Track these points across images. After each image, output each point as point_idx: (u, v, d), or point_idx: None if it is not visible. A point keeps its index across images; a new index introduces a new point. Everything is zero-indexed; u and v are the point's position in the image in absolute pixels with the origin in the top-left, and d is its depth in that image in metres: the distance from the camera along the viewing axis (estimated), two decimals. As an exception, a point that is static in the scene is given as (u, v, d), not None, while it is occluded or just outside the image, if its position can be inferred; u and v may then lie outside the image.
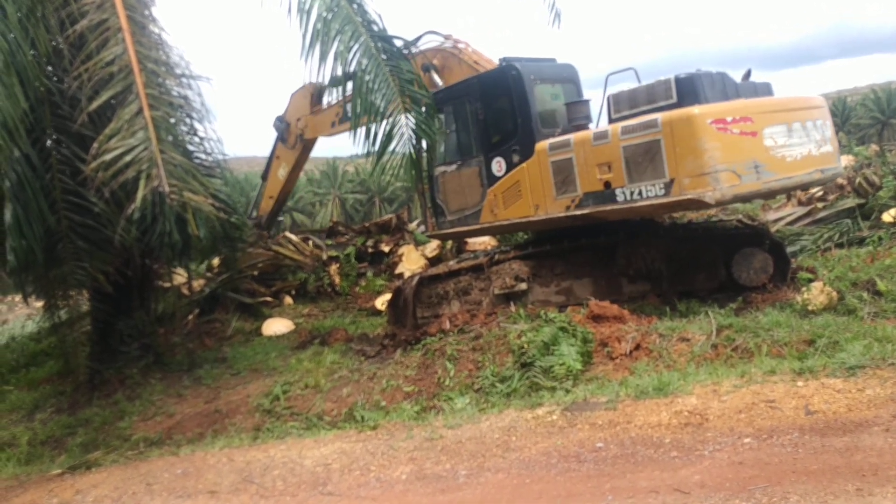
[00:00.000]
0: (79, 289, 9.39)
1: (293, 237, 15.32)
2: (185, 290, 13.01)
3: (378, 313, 12.54)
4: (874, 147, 19.53)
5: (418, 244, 14.71)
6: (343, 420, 7.95)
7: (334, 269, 14.30)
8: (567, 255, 9.65)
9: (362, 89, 8.92)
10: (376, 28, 9.25)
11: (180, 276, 12.53)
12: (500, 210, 9.77)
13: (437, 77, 10.71)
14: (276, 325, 12.41)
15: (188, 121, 8.84)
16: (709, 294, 8.88)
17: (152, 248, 8.47)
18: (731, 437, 5.01)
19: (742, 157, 7.98)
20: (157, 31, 8.44)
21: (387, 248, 14.86)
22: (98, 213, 8.34)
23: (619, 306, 8.43)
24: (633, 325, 7.95)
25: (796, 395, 5.40)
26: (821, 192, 13.09)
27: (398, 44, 9.75)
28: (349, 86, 9.39)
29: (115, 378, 10.01)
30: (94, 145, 7.32)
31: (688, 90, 8.16)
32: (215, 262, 13.44)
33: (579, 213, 8.91)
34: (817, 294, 7.84)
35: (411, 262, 14.02)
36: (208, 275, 13.87)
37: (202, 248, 8.67)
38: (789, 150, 8.39)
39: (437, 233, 11.03)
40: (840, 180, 12.41)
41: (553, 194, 9.13)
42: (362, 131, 9.18)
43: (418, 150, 9.62)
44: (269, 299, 13.80)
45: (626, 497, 4.44)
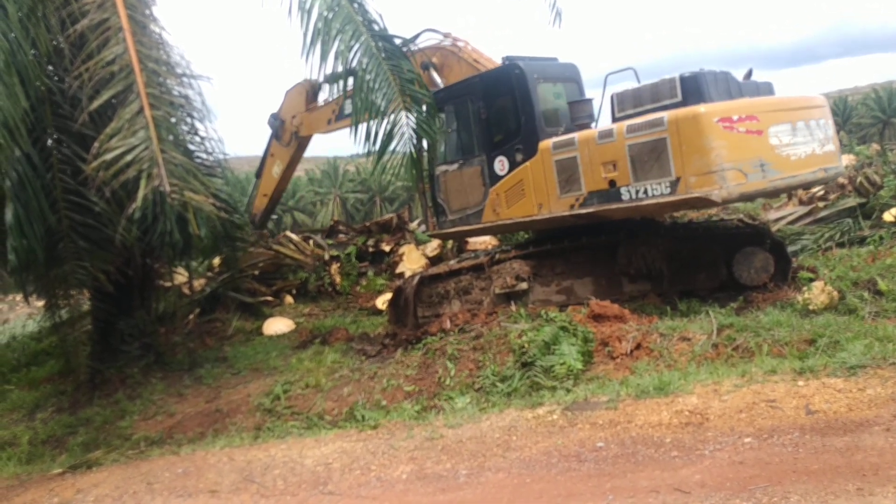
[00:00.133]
0: (80, 288, 9.39)
1: (294, 236, 15.32)
2: (185, 290, 13.02)
3: (379, 313, 12.54)
4: (875, 146, 19.48)
5: (419, 243, 14.70)
6: (344, 419, 7.95)
7: (335, 268, 14.30)
8: (568, 254, 9.65)
9: (363, 88, 8.92)
10: (377, 27, 9.25)
11: (181, 276, 12.54)
12: (502, 209, 9.76)
13: (436, 75, 10.70)
14: (277, 325, 12.41)
15: (189, 120, 8.83)
16: (710, 293, 8.88)
17: (153, 247, 8.48)
18: (732, 436, 5.01)
19: (748, 155, 7.98)
20: (157, 30, 8.43)
21: (387, 248, 14.85)
22: (99, 212, 8.33)
23: (619, 306, 8.44)
24: (634, 325, 7.95)
25: (797, 395, 5.40)
26: (822, 192, 13.07)
27: (398, 42, 9.75)
28: (348, 82, 9.38)
29: (116, 377, 10.02)
30: (95, 145, 7.31)
31: (693, 89, 8.16)
32: (216, 261, 13.41)
33: (584, 211, 8.91)
34: (818, 293, 7.83)
35: (412, 261, 14.02)
36: (209, 274, 13.86)
37: (203, 247, 8.68)
38: (794, 148, 8.40)
39: (437, 232, 11.02)
40: (841, 179, 12.40)
41: (557, 193, 9.12)
42: (363, 131, 9.18)
43: (419, 149, 9.62)
44: (269, 299, 13.80)
45: (627, 496, 4.44)
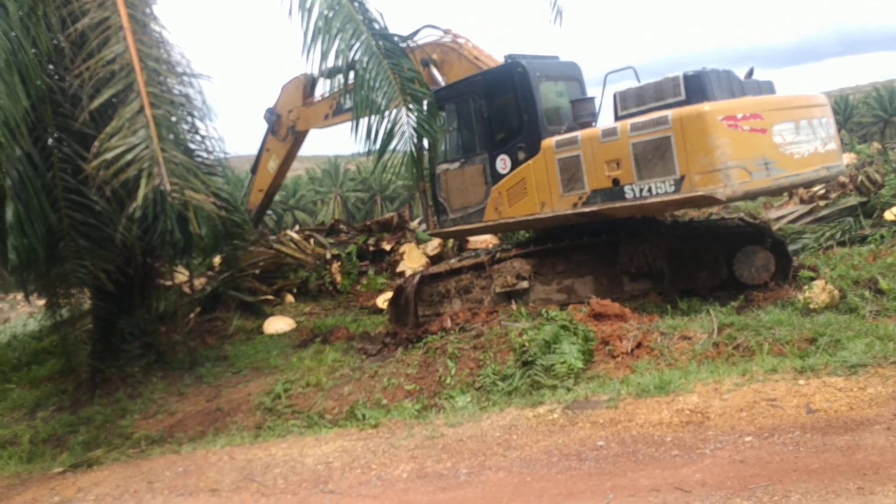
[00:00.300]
0: (80, 287, 9.39)
1: (295, 235, 15.32)
2: (186, 289, 13.00)
3: (379, 311, 12.53)
4: (876, 145, 19.41)
5: (419, 242, 14.69)
6: (344, 418, 7.94)
7: (336, 267, 14.28)
8: (569, 253, 9.65)
9: (363, 87, 8.91)
10: (377, 26, 9.23)
11: (182, 275, 12.54)
12: (504, 208, 9.75)
13: (436, 72, 10.66)
14: (278, 324, 12.40)
15: (189, 119, 8.83)
16: (710, 292, 8.87)
17: (154, 246, 8.46)
18: (733, 435, 5.00)
19: (752, 153, 7.97)
20: (158, 29, 8.43)
21: (388, 247, 14.84)
22: (99, 211, 8.33)
23: (620, 304, 8.43)
24: (635, 324, 7.95)
25: (798, 394, 5.39)
26: (823, 190, 13.06)
27: (398, 40, 9.73)
28: (348, 76, 9.35)
29: (117, 376, 10.02)
30: (96, 144, 7.31)
31: (696, 87, 8.15)
32: (217, 260, 13.41)
33: (587, 210, 8.89)
34: (819, 292, 7.83)
35: (413, 260, 14.01)
36: (209, 273, 13.85)
37: (203, 246, 8.66)
38: (797, 147, 8.40)
39: (438, 231, 11.01)
40: (842, 178, 12.38)
41: (560, 191, 9.10)
42: (363, 129, 9.17)
43: (419, 148, 9.60)
44: (270, 298, 13.78)
45: (628, 495, 4.44)
